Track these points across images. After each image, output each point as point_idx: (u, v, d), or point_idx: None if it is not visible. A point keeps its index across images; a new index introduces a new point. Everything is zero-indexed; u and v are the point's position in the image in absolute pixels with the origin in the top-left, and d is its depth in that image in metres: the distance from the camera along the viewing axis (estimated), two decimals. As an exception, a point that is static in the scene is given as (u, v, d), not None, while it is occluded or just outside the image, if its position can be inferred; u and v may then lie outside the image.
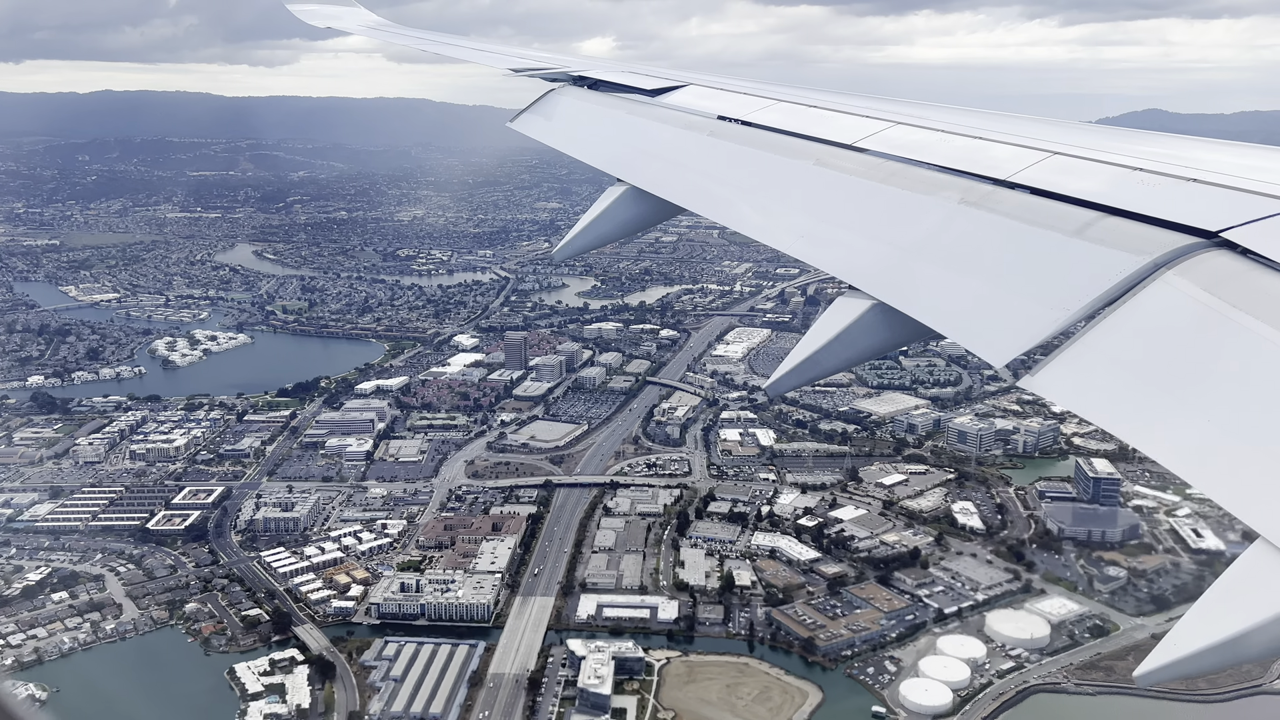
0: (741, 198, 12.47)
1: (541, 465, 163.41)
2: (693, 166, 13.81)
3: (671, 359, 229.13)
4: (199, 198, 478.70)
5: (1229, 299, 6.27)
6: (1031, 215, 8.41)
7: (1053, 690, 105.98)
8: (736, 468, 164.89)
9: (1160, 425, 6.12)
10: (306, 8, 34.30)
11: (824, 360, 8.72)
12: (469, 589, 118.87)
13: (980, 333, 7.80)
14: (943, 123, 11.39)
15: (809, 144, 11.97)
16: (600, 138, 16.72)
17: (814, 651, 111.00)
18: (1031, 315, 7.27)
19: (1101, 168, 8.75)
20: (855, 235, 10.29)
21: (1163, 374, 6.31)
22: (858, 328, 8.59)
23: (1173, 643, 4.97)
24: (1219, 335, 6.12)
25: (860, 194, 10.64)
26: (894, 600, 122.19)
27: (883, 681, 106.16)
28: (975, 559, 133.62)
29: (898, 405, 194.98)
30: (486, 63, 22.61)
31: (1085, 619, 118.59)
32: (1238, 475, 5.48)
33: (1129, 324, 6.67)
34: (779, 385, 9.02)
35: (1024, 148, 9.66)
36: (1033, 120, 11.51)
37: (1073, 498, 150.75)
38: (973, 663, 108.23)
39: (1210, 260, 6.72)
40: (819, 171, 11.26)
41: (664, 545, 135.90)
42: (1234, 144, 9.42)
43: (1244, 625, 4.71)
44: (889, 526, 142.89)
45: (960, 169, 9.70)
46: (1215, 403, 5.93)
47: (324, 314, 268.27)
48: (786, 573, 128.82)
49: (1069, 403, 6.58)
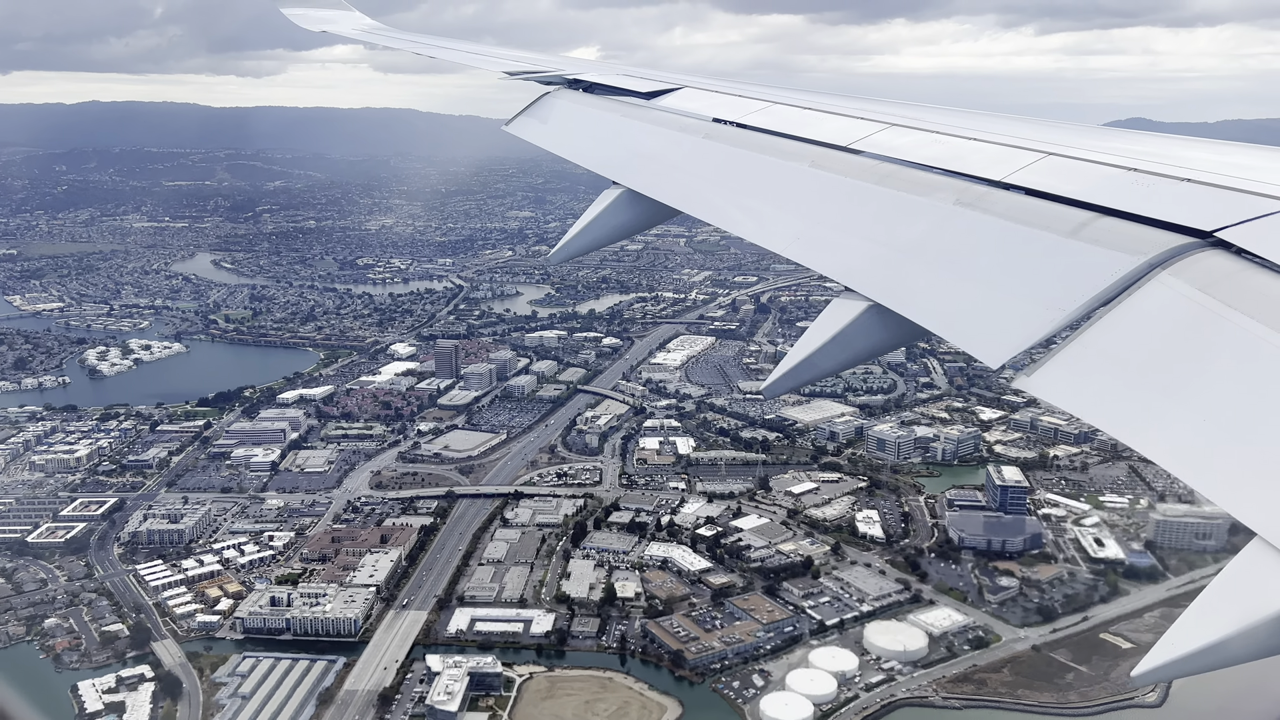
0: (736, 200, 12.44)
1: (449, 476, 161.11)
2: (688, 169, 13.81)
3: (609, 367, 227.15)
4: (168, 207, 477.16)
5: (1224, 298, 6.26)
6: (1026, 216, 8.42)
7: (919, 704, 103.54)
8: (649, 477, 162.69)
9: (1156, 425, 6.13)
10: (300, 11, 34.33)
11: (820, 362, 8.77)
12: (339, 603, 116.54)
13: (976, 334, 7.78)
14: (937, 124, 11.44)
15: (804, 146, 11.99)
16: (595, 140, 16.65)
17: (683, 665, 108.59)
18: (1027, 316, 7.32)
19: (1096, 168, 8.75)
20: (851, 237, 10.25)
21: (1158, 374, 6.35)
22: (854, 329, 8.66)
23: (1169, 642, 4.93)
24: (1214, 335, 6.13)
25: (855, 196, 10.63)
26: (776, 612, 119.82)
27: (746, 696, 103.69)
28: (869, 569, 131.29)
29: (825, 413, 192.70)
30: (482, 65, 22.62)
31: (968, 630, 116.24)
32: (1233, 474, 5.50)
33: (1124, 324, 6.69)
34: (775, 387, 9.01)
35: (1018, 149, 9.69)
36: (1027, 121, 11.49)
37: (982, 506, 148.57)
38: (841, 676, 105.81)
39: (1205, 260, 6.74)
40: (814, 173, 11.29)
41: (555, 557, 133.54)
42: (1228, 144, 9.39)
43: (1240, 624, 4.68)
44: (788, 536, 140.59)
45: (955, 170, 9.70)
46: (1211, 402, 5.96)
47: (266, 323, 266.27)
48: (673, 584, 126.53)
49: (1065, 404, 6.57)
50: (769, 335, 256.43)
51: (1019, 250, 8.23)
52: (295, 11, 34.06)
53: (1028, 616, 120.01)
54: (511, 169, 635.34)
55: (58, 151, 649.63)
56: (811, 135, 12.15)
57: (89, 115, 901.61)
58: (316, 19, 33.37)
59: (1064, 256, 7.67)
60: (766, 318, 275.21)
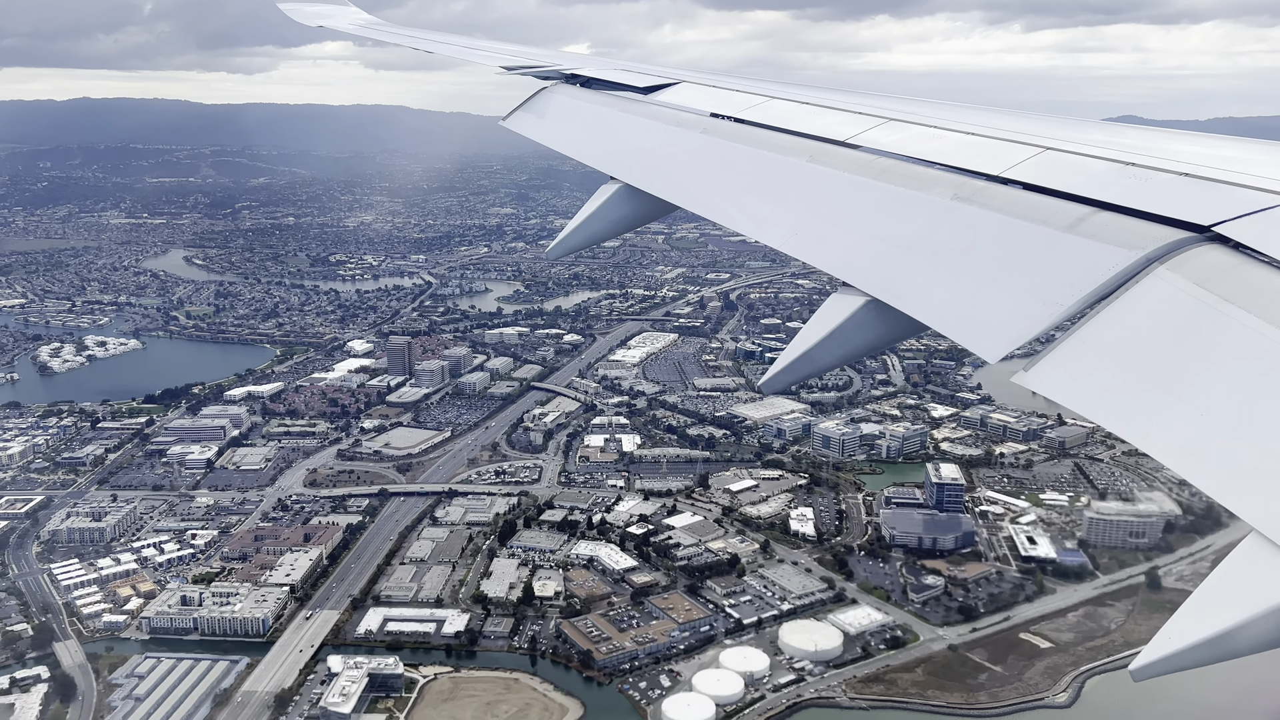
0: (734, 195, 12.36)
1: (386, 474, 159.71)
2: (686, 164, 13.75)
3: (567, 364, 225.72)
4: (147, 204, 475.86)
5: (1222, 293, 6.27)
6: (1024, 210, 8.38)
7: (825, 705, 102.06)
8: (589, 475, 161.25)
9: (1154, 420, 6.10)
10: (297, 6, 33.99)
11: (818, 357, 8.73)
12: (250, 603, 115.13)
13: (974, 328, 7.74)
14: (935, 119, 11.34)
15: (802, 141, 11.95)
16: (593, 135, 16.54)
17: (592, 666, 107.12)
18: (1025, 311, 7.30)
19: (1094, 163, 8.73)
20: (848, 232, 10.19)
21: (1156, 369, 6.35)
22: (852, 324, 8.61)
23: (1167, 637, 4.94)
24: (1212, 330, 6.14)
25: (853, 190, 10.57)
26: (694, 611, 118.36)
27: (651, 697, 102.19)
28: (796, 567, 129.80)
29: (776, 410, 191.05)
30: (479, 60, 22.47)
31: (886, 630, 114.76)
32: (1231, 469, 5.50)
33: (1122, 319, 6.68)
34: (773, 382, 8.94)
35: (1016, 143, 9.66)
36: (1024, 116, 11.38)
37: (920, 504, 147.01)
38: (749, 677, 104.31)
39: (1203, 255, 6.75)
40: (812, 168, 11.25)
41: (480, 556, 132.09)
42: (1226, 138, 9.32)
43: (1238, 619, 4.71)
44: (720, 534, 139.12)
45: (953, 165, 9.64)
46: (1209, 397, 5.94)
47: (227, 319, 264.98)
48: (595, 583, 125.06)
49: (1063, 398, 6.55)
50: (732, 332, 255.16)
51: (1017, 245, 8.18)
52: (291, 6, 33.78)
53: (949, 616, 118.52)
54: (497, 166, 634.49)
55: (43, 148, 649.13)
56: (809, 130, 12.18)
57: (79, 112, 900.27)
58: (313, 14, 33.00)
59: (1062, 251, 7.66)
60: (733, 315, 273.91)
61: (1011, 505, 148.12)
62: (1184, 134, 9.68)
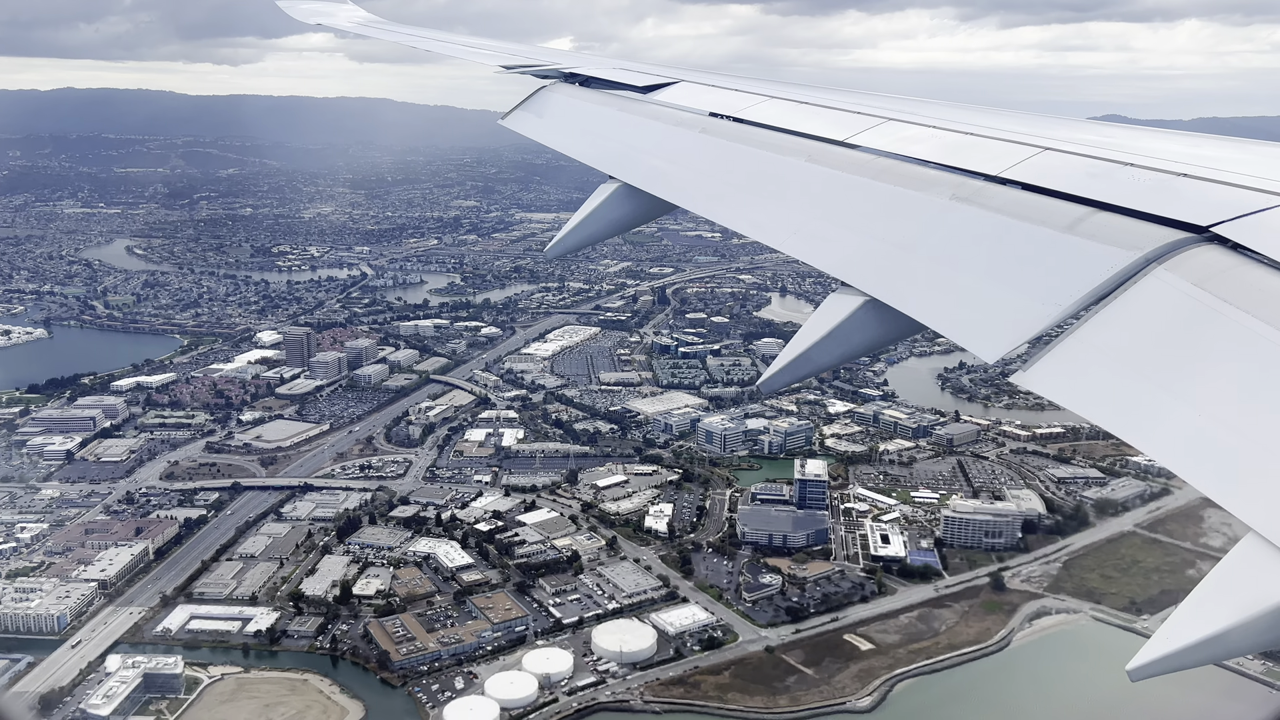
0: (733, 195, 12.39)
1: (249, 467, 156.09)
2: (684, 163, 13.78)
3: (477, 356, 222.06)
4: (105, 193, 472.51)
5: (1220, 294, 6.27)
6: (1023, 211, 8.38)
7: (617, 709, 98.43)
8: (458, 470, 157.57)
9: (1152, 420, 6.12)
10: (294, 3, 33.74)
11: (817, 357, 8.66)
12: (52, 599, 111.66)
13: (972, 329, 7.68)
14: (934, 118, 11.32)
15: (801, 140, 11.92)
16: (592, 134, 16.46)
17: (388, 667, 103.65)
18: (1023, 311, 7.27)
19: (1092, 163, 8.73)
20: (847, 231, 10.11)
21: (1154, 369, 6.30)
22: (850, 324, 8.54)
23: (1165, 637, 4.93)
24: (1210, 330, 6.13)
25: (852, 190, 10.53)
26: (515, 610, 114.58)
27: (439, 700, 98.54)
28: (637, 565, 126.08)
29: (671, 404, 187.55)
30: (477, 59, 22.21)
31: (708, 630, 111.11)
32: (1228, 469, 5.49)
33: (1120, 319, 6.66)
34: (772, 382, 8.78)
35: (1015, 143, 9.65)
36: (1023, 116, 11.40)
37: (785, 500, 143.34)
38: (546, 679, 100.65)
39: (1201, 255, 6.74)
40: (811, 168, 11.26)
41: (314, 553, 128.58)
42: (1226, 139, 9.38)
43: (1235, 619, 4.71)
44: (571, 530, 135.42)
45: (952, 165, 9.63)
46: (1206, 397, 5.93)
47: (146, 309, 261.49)
48: (422, 581, 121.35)
49: (1061, 398, 6.53)
50: (657, 326, 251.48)
51: (1015, 245, 8.18)
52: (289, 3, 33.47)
53: (777, 616, 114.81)
54: (470, 159, 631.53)
55: (15, 137, 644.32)
56: (808, 130, 12.08)
57: (60, 102, 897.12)
58: (310, 11, 32.80)
59: (1060, 251, 7.65)
60: (664, 309, 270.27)
61: (879, 503, 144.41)
62: (1182, 134, 9.61)
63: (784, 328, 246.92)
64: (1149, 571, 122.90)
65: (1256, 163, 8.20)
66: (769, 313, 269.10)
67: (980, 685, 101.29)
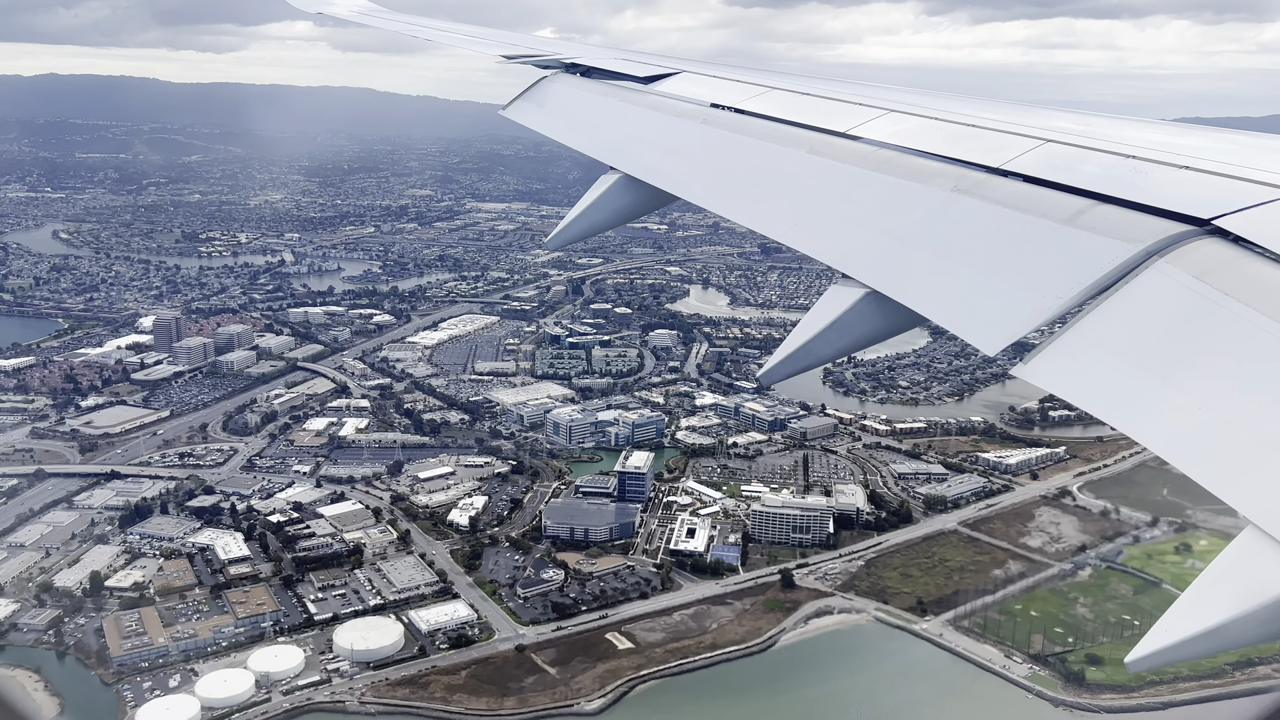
0: (734, 186, 12.23)
1: (66, 454, 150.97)
2: (686, 154, 13.58)
3: (360, 344, 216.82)
4: (55, 178, 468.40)
5: (1221, 286, 6.19)
6: (1024, 203, 8.26)
7: (329, 710, 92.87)
8: (281, 459, 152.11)
9: (1152, 412, 6.02)
10: None
11: (817, 349, 8.55)
12: None
13: (973, 321, 7.63)
14: (935, 110, 11.20)
15: (802, 132, 11.74)
16: (593, 125, 16.25)
17: (106, 664, 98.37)
18: (1024, 303, 7.19)
19: (1094, 155, 8.60)
20: (848, 223, 10.01)
21: (1155, 361, 6.21)
22: (851, 316, 8.47)
23: (1163, 629, 4.87)
24: (1211, 323, 6.07)
25: (853, 182, 10.38)
26: (268, 605, 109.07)
27: (147, 698, 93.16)
28: (421, 559, 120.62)
29: (537, 394, 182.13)
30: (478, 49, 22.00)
31: (465, 627, 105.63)
32: (1228, 461, 5.41)
33: (1121, 312, 6.59)
34: (772, 374, 8.71)
35: (1016, 135, 9.51)
36: (1024, 108, 11.26)
37: (608, 493, 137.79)
38: (266, 678, 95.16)
39: (1202, 248, 6.66)
40: (812, 159, 11.09)
41: (89, 542, 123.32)
42: (1227, 131, 9.32)
43: (1234, 612, 4.68)
44: (368, 523, 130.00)
45: (953, 156, 9.52)
46: (1207, 390, 5.85)
47: (40, 294, 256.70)
48: (186, 574, 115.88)
49: (1061, 391, 6.44)
50: (560, 317, 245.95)
51: (1016, 237, 8.02)
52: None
53: (544, 612, 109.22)
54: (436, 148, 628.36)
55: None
56: (809, 121, 11.82)
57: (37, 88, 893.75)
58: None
59: (1061, 244, 7.53)
60: (575, 300, 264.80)
61: (705, 496, 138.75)
62: (1184, 128, 9.54)
63: (689, 319, 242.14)
64: (952, 571, 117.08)
65: (1257, 156, 8.01)
66: (682, 305, 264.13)
67: (727, 687, 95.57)
